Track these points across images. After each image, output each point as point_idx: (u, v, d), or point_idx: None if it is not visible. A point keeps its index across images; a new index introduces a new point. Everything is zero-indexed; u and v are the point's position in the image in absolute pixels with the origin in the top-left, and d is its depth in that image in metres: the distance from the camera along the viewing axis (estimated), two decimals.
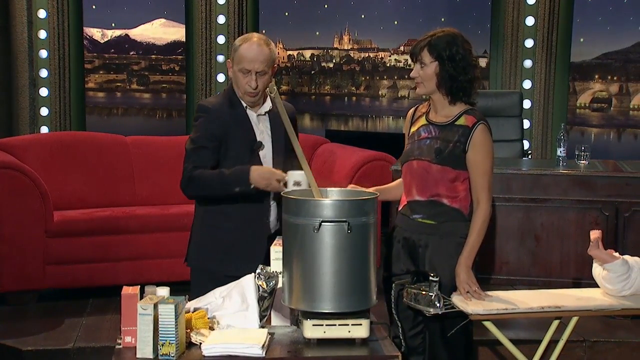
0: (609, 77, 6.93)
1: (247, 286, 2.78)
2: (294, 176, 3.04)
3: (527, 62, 6.85)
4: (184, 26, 6.99)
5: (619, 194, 4.74)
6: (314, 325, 2.58)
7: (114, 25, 7.09)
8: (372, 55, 7.24)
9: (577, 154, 5.03)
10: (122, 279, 3.59)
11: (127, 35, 7.12)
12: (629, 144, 6.93)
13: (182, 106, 7.06)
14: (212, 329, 2.66)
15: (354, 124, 7.31)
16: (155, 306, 2.47)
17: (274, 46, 3.27)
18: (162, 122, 7.18)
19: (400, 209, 3.22)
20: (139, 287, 2.67)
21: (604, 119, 7.00)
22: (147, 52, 7.15)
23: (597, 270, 3.27)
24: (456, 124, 3.08)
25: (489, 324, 3.08)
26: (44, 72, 6.74)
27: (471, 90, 3.10)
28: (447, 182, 3.06)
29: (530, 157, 6.40)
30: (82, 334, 4.12)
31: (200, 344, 2.55)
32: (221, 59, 6.88)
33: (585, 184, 4.79)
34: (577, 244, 4.74)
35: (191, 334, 2.59)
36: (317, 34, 7.27)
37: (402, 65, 7.15)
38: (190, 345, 2.57)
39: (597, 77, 6.95)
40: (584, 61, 6.95)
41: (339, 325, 2.58)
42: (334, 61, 7.28)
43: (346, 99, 7.32)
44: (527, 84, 6.87)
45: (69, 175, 5.05)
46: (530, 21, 6.82)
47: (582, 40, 6.90)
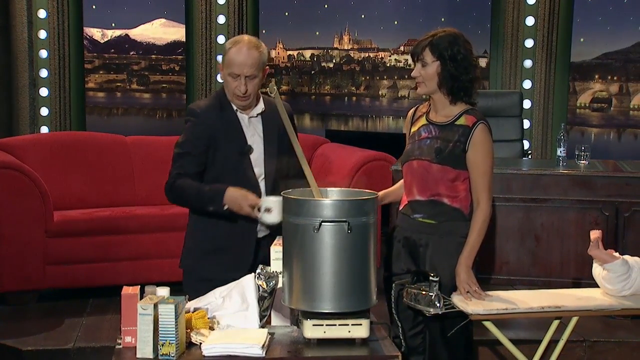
0: (609, 77, 6.93)
1: (247, 286, 2.79)
2: (267, 202, 3.04)
3: (527, 62, 6.85)
4: (184, 26, 6.99)
5: (619, 194, 4.74)
6: (314, 325, 2.58)
7: (114, 25, 7.09)
8: (372, 55, 7.24)
9: (577, 154, 5.03)
10: (122, 279, 3.58)
11: (127, 35, 7.12)
12: (629, 144, 6.93)
13: (182, 106, 7.06)
14: (212, 329, 2.66)
15: (354, 124, 7.31)
16: (155, 306, 2.47)
17: (265, 48, 3.22)
18: (162, 122, 7.18)
19: (400, 208, 3.22)
20: (139, 287, 2.67)
21: (604, 119, 6.99)
22: (147, 52, 7.15)
23: (597, 270, 3.27)
24: (456, 123, 3.08)
25: (489, 324, 3.08)
26: (44, 72, 6.74)
27: (472, 90, 3.10)
28: (447, 182, 3.06)
29: (530, 157, 6.40)
30: (82, 334, 4.12)
31: (200, 344, 2.55)
32: (221, 59, 6.87)
33: (585, 184, 4.79)
34: (577, 244, 4.74)
35: (191, 334, 2.59)
36: (317, 34, 7.27)
37: (402, 65, 7.15)
38: (190, 345, 2.57)
39: (597, 77, 6.95)
40: (584, 61, 6.95)
41: (339, 325, 2.58)
42: (334, 61, 7.28)
43: (346, 99, 7.32)
44: (527, 84, 6.87)
45: (69, 175, 5.05)
46: (530, 21, 6.82)
47: (582, 40, 6.90)
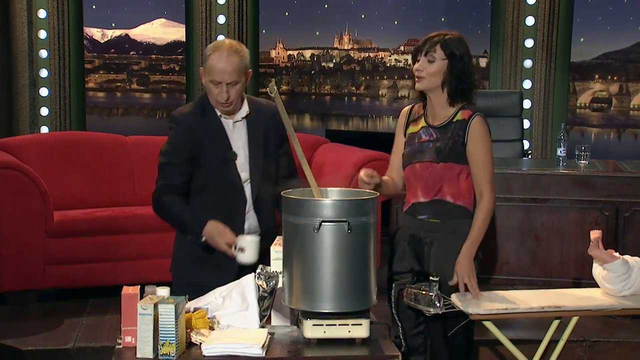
0: (609, 77, 6.93)
1: (247, 286, 2.79)
2: (241, 242, 3.05)
3: (527, 62, 6.85)
4: (184, 26, 6.99)
5: (619, 194, 4.74)
6: (314, 325, 2.58)
7: (114, 25, 7.09)
8: (372, 55, 7.24)
9: (577, 154, 5.03)
10: (122, 279, 3.57)
11: (127, 35, 7.12)
12: (629, 144, 6.93)
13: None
14: (212, 328, 2.66)
15: (354, 124, 7.31)
16: (155, 306, 2.47)
17: (246, 52, 3.16)
18: (162, 122, 7.18)
19: (405, 209, 3.22)
20: (139, 287, 2.67)
21: (604, 119, 6.99)
22: (147, 52, 7.15)
23: (597, 270, 3.27)
24: (453, 120, 3.10)
25: (489, 324, 3.08)
26: (44, 72, 6.73)
27: (471, 94, 3.13)
28: (451, 179, 3.07)
29: (530, 157, 6.40)
30: (82, 334, 4.12)
31: (200, 343, 2.55)
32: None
33: (585, 184, 4.79)
34: (577, 244, 4.74)
35: (191, 334, 2.59)
36: (317, 34, 7.27)
37: (402, 65, 7.15)
38: (190, 345, 2.57)
39: (597, 77, 6.95)
40: (584, 61, 6.95)
41: (339, 325, 2.58)
42: (334, 61, 7.28)
43: (346, 99, 7.32)
44: (527, 84, 6.86)
45: (69, 175, 5.04)
46: (530, 21, 6.82)
47: (582, 40, 6.89)
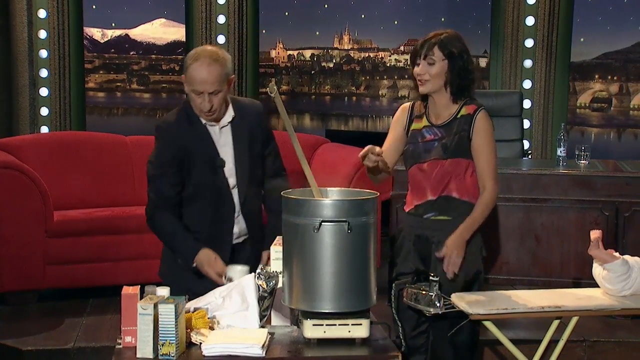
0: (609, 77, 6.93)
1: (247, 286, 2.78)
2: (230, 271, 3.05)
3: (527, 62, 6.85)
4: (184, 26, 6.99)
5: (619, 194, 4.74)
6: (314, 325, 2.58)
7: (114, 25, 7.09)
8: (372, 55, 7.24)
9: (577, 154, 5.02)
10: (122, 279, 3.57)
11: (127, 35, 7.12)
12: (629, 144, 6.93)
13: None
14: (212, 328, 2.66)
15: (354, 124, 7.31)
16: (155, 306, 2.47)
17: (228, 58, 3.10)
18: None
19: (408, 210, 3.20)
20: (139, 287, 2.67)
21: (604, 119, 6.99)
22: (147, 52, 7.15)
23: (597, 270, 3.27)
24: (458, 117, 3.12)
25: (489, 324, 3.08)
26: (44, 72, 6.73)
27: (473, 89, 3.16)
28: (458, 175, 3.09)
29: (530, 157, 6.39)
30: (82, 334, 4.12)
31: (200, 343, 2.55)
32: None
33: (585, 184, 4.78)
34: (577, 244, 4.73)
35: (191, 334, 2.59)
36: (317, 34, 7.27)
37: (402, 65, 7.15)
38: (190, 345, 2.57)
39: (597, 77, 6.95)
40: (584, 61, 6.95)
41: (339, 325, 2.58)
42: (334, 61, 7.28)
43: (346, 99, 7.32)
44: (527, 84, 6.86)
45: (69, 175, 5.04)
46: (530, 21, 6.82)
47: (582, 40, 6.89)
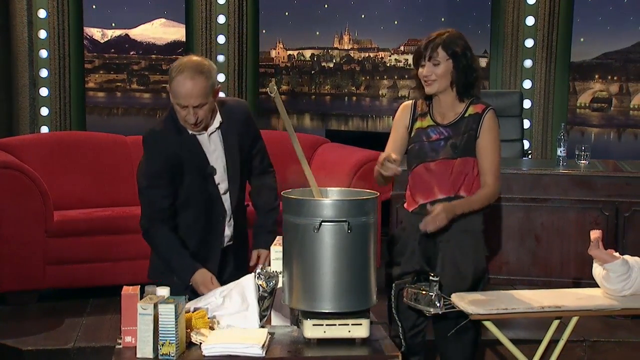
0: (609, 77, 6.93)
1: (247, 286, 2.79)
2: None
3: (527, 62, 6.85)
4: (184, 26, 6.99)
5: (619, 193, 4.74)
6: (314, 325, 2.58)
7: (114, 25, 7.08)
8: (372, 55, 7.24)
9: (577, 154, 5.02)
10: (122, 279, 3.57)
11: (127, 35, 7.12)
12: (629, 144, 6.93)
13: None
14: (212, 328, 2.66)
15: (354, 124, 7.31)
16: (155, 306, 2.47)
17: (212, 69, 3.05)
18: None
19: (412, 209, 3.19)
20: (139, 287, 2.67)
21: (604, 119, 6.99)
22: (147, 52, 7.15)
23: (597, 270, 3.27)
24: (465, 116, 3.13)
25: (489, 324, 3.08)
26: (44, 72, 6.73)
27: (478, 86, 3.17)
28: (468, 174, 3.10)
29: (530, 157, 6.39)
30: (82, 334, 4.12)
31: (200, 343, 2.55)
32: (221, 58, 6.88)
33: (585, 184, 4.78)
34: (577, 244, 4.73)
35: (191, 334, 2.59)
36: (317, 33, 7.27)
37: (402, 65, 7.15)
38: (190, 345, 2.57)
39: (597, 77, 6.95)
40: (584, 61, 6.95)
41: (339, 325, 2.58)
42: (334, 61, 7.28)
43: (346, 99, 7.32)
44: (527, 84, 6.86)
45: (69, 175, 5.04)
46: (530, 21, 6.81)
47: (582, 40, 6.89)
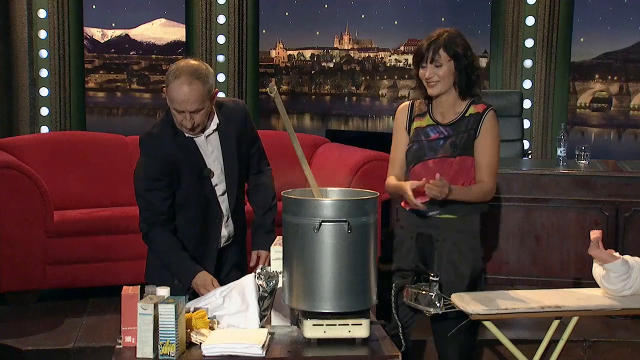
0: (609, 77, 6.93)
1: (247, 286, 2.79)
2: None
3: (527, 62, 6.85)
4: (184, 26, 6.99)
5: (619, 194, 4.73)
6: (314, 325, 2.58)
7: (114, 25, 7.08)
8: (372, 55, 7.24)
9: (577, 154, 5.02)
10: (122, 279, 3.57)
11: (127, 35, 7.12)
12: (629, 144, 6.93)
13: None
14: (212, 328, 2.66)
15: (354, 124, 7.31)
16: (155, 306, 2.47)
17: (209, 73, 3.01)
18: None
19: (410, 207, 3.20)
20: (139, 287, 2.67)
21: (604, 119, 6.99)
22: (147, 52, 7.15)
23: (597, 270, 3.27)
24: (466, 115, 3.13)
25: (489, 324, 3.08)
26: (44, 72, 6.73)
27: (479, 84, 3.17)
28: (466, 173, 3.10)
29: (530, 157, 6.39)
30: (82, 334, 4.12)
31: (200, 343, 2.55)
32: (221, 58, 6.88)
33: (585, 184, 4.78)
34: (577, 244, 4.73)
35: (191, 334, 2.59)
36: (317, 33, 7.27)
37: (402, 65, 7.14)
38: (190, 345, 2.57)
39: (597, 77, 6.95)
40: (584, 61, 6.95)
41: (339, 325, 2.58)
42: (334, 61, 7.28)
43: (346, 99, 7.32)
44: (527, 84, 6.86)
45: (69, 175, 5.04)
46: (530, 21, 6.82)
47: (582, 40, 6.89)
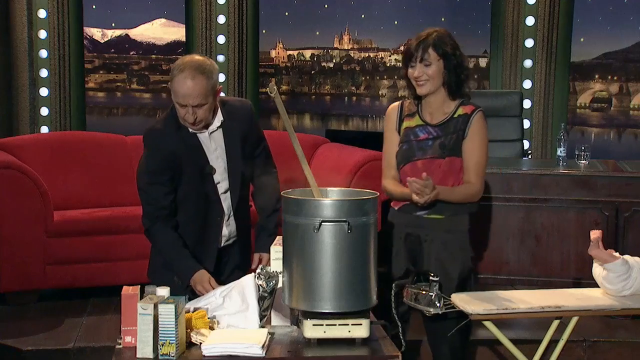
0: (609, 77, 6.93)
1: (247, 286, 2.79)
2: None
3: (527, 62, 6.85)
4: (184, 26, 6.99)
5: (619, 193, 4.74)
6: (314, 325, 2.58)
7: (114, 25, 7.08)
8: (372, 55, 7.24)
9: (577, 154, 5.02)
10: (122, 279, 3.58)
11: (127, 35, 7.12)
12: (629, 144, 6.93)
13: None
14: (212, 328, 2.66)
15: (354, 124, 7.31)
16: (155, 306, 2.47)
17: (214, 69, 3.06)
18: None
19: (399, 207, 3.21)
20: (139, 287, 2.67)
21: (604, 119, 6.99)
22: (147, 52, 7.15)
23: (597, 270, 3.27)
24: (454, 116, 3.14)
25: (489, 324, 3.08)
26: (44, 72, 6.73)
27: (468, 83, 3.18)
28: (454, 174, 3.10)
29: (530, 157, 6.39)
30: (82, 334, 4.12)
31: (200, 343, 2.55)
32: (221, 58, 6.87)
33: (585, 184, 4.78)
34: (577, 244, 4.74)
35: (191, 334, 2.59)
36: (317, 33, 7.27)
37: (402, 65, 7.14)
38: (190, 345, 2.57)
39: (597, 77, 6.95)
40: (584, 61, 6.95)
41: (339, 325, 2.58)
42: (334, 61, 7.28)
43: (346, 99, 7.32)
44: (527, 84, 6.86)
45: (69, 175, 5.04)
46: (530, 21, 6.82)
47: (582, 40, 6.89)
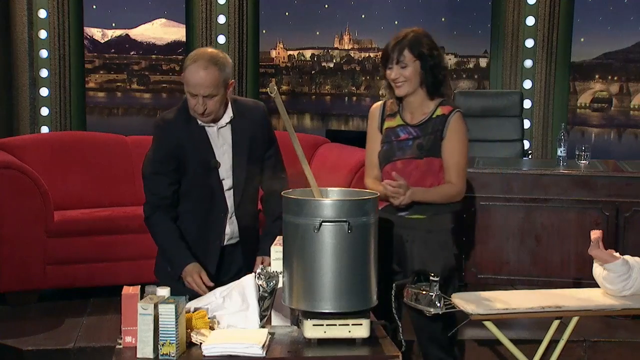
0: (610, 77, 6.93)
1: (247, 286, 2.79)
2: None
3: (528, 62, 6.85)
4: (184, 26, 6.99)
5: (619, 194, 4.73)
6: (314, 325, 2.58)
7: (114, 25, 7.09)
8: (372, 55, 7.24)
9: (577, 154, 5.02)
10: (122, 279, 3.58)
11: (127, 35, 7.13)
12: (629, 144, 6.93)
13: None
14: (212, 328, 2.66)
15: (354, 124, 7.31)
16: (155, 306, 2.47)
17: (228, 63, 3.08)
18: None
19: (382, 208, 3.20)
20: (139, 287, 2.67)
21: (605, 119, 6.99)
22: (147, 52, 7.15)
23: (598, 270, 3.27)
24: (433, 117, 3.14)
25: (489, 324, 3.08)
26: (44, 72, 6.73)
27: (446, 83, 3.17)
28: (433, 174, 3.11)
29: (530, 157, 6.39)
30: (83, 334, 4.12)
31: (200, 343, 2.55)
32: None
33: (585, 184, 4.78)
34: (577, 244, 4.73)
35: (191, 334, 2.59)
36: (318, 33, 7.27)
37: None
38: (190, 345, 2.57)
39: (597, 77, 6.95)
40: (584, 61, 6.95)
41: (340, 325, 2.58)
42: (334, 61, 7.28)
43: (346, 99, 7.32)
44: (527, 84, 6.86)
45: (69, 175, 5.04)
46: (530, 21, 6.82)
47: (582, 40, 6.89)
